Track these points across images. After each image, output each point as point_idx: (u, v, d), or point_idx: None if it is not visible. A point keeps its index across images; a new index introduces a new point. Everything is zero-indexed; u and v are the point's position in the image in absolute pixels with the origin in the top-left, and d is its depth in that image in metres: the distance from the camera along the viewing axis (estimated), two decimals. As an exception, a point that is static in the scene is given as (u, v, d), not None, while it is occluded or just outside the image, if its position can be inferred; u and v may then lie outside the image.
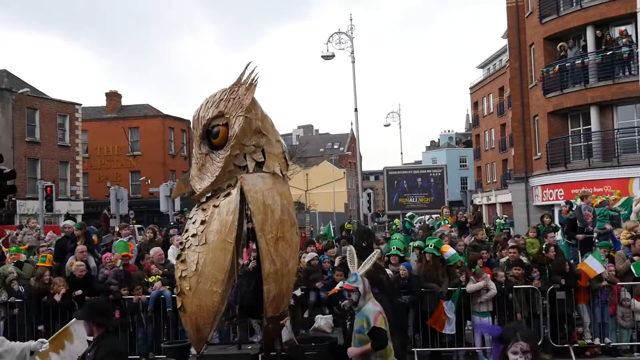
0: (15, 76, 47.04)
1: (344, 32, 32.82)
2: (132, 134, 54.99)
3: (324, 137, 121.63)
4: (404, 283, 12.58)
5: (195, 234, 8.98)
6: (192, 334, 9.23)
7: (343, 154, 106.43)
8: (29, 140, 43.37)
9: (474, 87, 69.02)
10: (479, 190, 64.13)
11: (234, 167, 9.02)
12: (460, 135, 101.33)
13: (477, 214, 22.54)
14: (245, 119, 8.90)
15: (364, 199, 33.73)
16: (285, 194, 9.36)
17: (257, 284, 9.19)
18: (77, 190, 47.53)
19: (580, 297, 12.92)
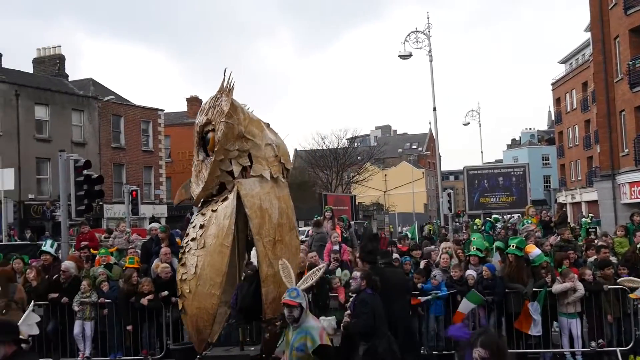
0: (100, 84, 48.58)
1: (421, 31, 32.60)
2: (213, 138, 55.84)
3: (402, 137, 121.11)
4: (487, 284, 12.41)
5: (194, 238, 9.24)
6: (193, 335, 9.45)
7: (422, 154, 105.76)
8: (115, 146, 44.71)
9: (556, 83, 67.47)
10: (562, 188, 62.64)
11: (220, 172, 9.25)
12: (542, 132, 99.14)
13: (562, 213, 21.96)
14: (226, 124, 9.10)
15: (444, 199, 33.34)
16: (283, 198, 9.53)
17: (257, 286, 9.30)
18: (161, 194, 48.71)
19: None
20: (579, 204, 57.08)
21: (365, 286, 9.43)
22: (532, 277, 12.53)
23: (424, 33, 32.55)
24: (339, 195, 56.64)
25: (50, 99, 40.02)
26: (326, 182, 69.46)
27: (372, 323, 9.11)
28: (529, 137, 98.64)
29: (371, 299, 9.31)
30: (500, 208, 40.20)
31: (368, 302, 9.25)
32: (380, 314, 9.24)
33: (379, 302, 9.34)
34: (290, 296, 7.45)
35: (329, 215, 17.57)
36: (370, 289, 9.41)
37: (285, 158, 9.73)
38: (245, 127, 9.31)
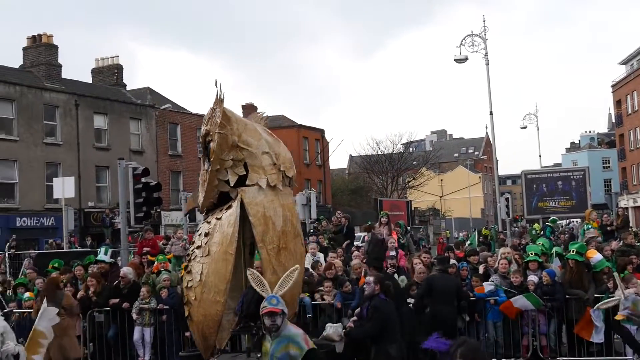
0: (157, 93, 49.42)
1: (476, 34, 32.23)
2: (269, 145, 56.28)
3: (458, 141, 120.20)
4: (546, 289, 12.21)
5: (199, 246, 9.45)
6: (199, 342, 9.61)
7: (478, 158, 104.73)
8: (172, 153, 45.36)
9: (617, 85, 66.07)
10: (624, 192, 61.23)
11: (218, 181, 9.46)
12: (602, 135, 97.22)
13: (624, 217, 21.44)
14: (219, 135, 9.28)
15: (502, 204, 32.84)
16: (288, 206, 9.69)
17: None
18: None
19: None
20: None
21: (379, 291, 9.44)
22: (593, 282, 12.29)
23: (480, 36, 32.14)
24: (395, 200, 56.44)
25: (108, 108, 40.86)
26: (381, 187, 69.27)
27: (375, 330, 9.13)
28: (588, 140, 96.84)
29: (383, 305, 9.28)
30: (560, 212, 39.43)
31: (379, 308, 9.26)
32: (393, 319, 9.23)
33: (391, 307, 9.34)
34: (271, 304, 7.19)
35: (384, 221, 17.52)
36: (383, 294, 9.42)
37: (286, 166, 9.84)
38: (239, 136, 9.45)
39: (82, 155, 38.66)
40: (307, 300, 12.79)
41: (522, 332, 12.47)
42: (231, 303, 10.04)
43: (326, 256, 15.27)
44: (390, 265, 13.80)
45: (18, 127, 36.06)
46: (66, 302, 11.70)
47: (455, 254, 15.25)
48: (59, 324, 11.48)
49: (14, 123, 35.98)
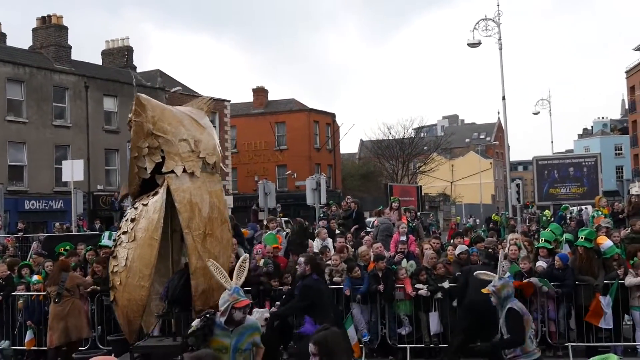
0: (168, 75, 49.30)
1: (490, 18, 31.93)
2: (279, 129, 56.26)
3: (469, 127, 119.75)
4: (557, 274, 12.16)
5: (126, 231, 9.54)
6: (124, 326, 9.75)
7: (490, 144, 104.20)
8: (183, 137, 45.28)
9: (631, 71, 65.53)
10: (636, 179, 60.83)
11: (138, 169, 9.60)
12: (615, 121, 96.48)
13: (635, 204, 21.21)
14: (135, 123, 9.42)
15: (513, 190, 32.69)
16: (216, 193, 9.81)
17: (187, 279, 9.50)
18: (227, 185, 49.22)
19: None
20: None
21: (309, 271, 9.60)
22: (603, 269, 12.24)
23: (494, 21, 31.86)
24: (405, 186, 56.31)
25: (118, 91, 40.72)
26: (392, 172, 69.09)
27: (300, 306, 9.48)
28: (601, 127, 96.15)
29: (314, 284, 9.38)
30: (571, 199, 39.15)
31: (310, 287, 9.48)
32: (325, 298, 9.35)
33: (323, 287, 9.43)
34: (241, 296, 6.94)
35: (395, 206, 17.45)
36: (316, 274, 9.56)
37: (208, 152, 9.85)
38: (154, 124, 9.50)
39: (92, 138, 38.64)
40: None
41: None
42: (159, 288, 10.24)
43: (334, 241, 15.21)
44: (400, 251, 13.78)
45: (27, 109, 36.04)
46: (69, 283, 11.72)
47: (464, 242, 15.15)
48: (62, 305, 11.54)
49: (23, 105, 35.98)
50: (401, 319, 12.54)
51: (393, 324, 12.57)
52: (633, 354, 12.24)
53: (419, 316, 12.66)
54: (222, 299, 6.94)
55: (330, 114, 60.36)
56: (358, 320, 12.50)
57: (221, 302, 6.92)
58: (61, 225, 27.44)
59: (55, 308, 11.67)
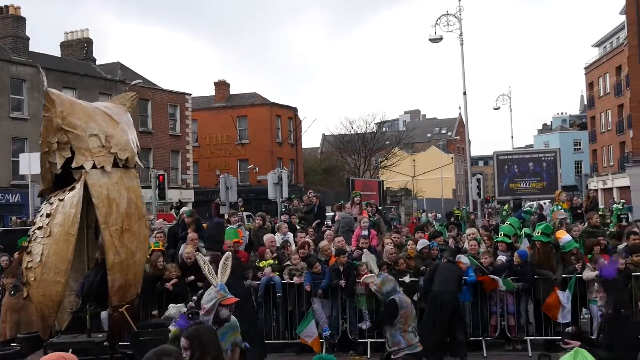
0: (128, 68, 48.73)
1: (452, 14, 32.15)
2: (240, 123, 55.99)
3: (431, 122, 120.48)
4: (517, 270, 12.26)
5: (41, 227, 9.45)
6: (38, 322, 9.68)
7: (451, 139, 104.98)
8: (142, 130, 44.75)
9: (589, 67, 66.41)
10: (594, 174, 61.81)
11: (49, 164, 9.56)
12: (574, 117, 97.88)
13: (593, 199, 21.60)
14: (45, 118, 9.51)
15: (473, 185, 33.05)
16: (133, 188, 9.80)
17: (104, 275, 9.49)
18: (188, 179, 48.87)
19: None
20: (611, 189, 56.26)
21: None
22: (561, 263, 12.38)
23: (455, 16, 32.11)
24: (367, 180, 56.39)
25: (77, 83, 40.17)
26: (354, 167, 69.21)
27: None
28: (560, 122, 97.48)
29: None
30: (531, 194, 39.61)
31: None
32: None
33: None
34: (226, 292, 6.81)
35: (357, 200, 17.43)
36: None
37: (120, 147, 9.79)
38: (64, 119, 9.46)
39: (50, 131, 37.90)
40: (276, 279, 12.70)
41: (490, 312, 12.52)
42: (72, 285, 10.17)
43: (295, 236, 15.16)
44: (363, 245, 13.77)
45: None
46: None
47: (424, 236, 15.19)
48: (17, 298, 11.36)
49: (-21, 97, 35.26)
50: (362, 314, 12.54)
51: (354, 318, 12.56)
52: (590, 347, 12.38)
53: (379, 311, 12.68)
54: (207, 296, 6.73)
55: (293, 108, 60.25)
56: (319, 315, 12.48)
57: (207, 298, 6.72)
58: (18, 219, 26.94)
59: (10, 300, 11.53)
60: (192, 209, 18.22)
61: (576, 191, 38.08)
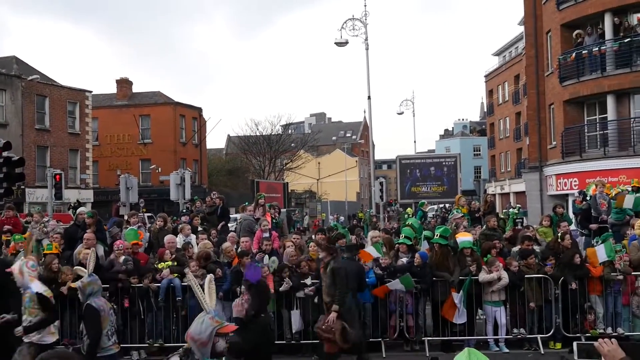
0: (24, 63, 46.97)
1: (357, 18, 32.47)
2: (143, 122, 54.92)
3: (336, 125, 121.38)
4: (416, 271, 12.46)
5: None
6: None
7: (356, 142, 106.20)
8: (39, 127, 43.29)
9: (490, 75, 68.52)
10: (492, 179, 63.76)
11: None
12: (474, 123, 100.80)
13: (490, 203, 22.19)
14: None
15: (376, 188, 33.45)
16: None
17: None
18: (87, 179, 47.48)
19: (593, 286, 12.76)
20: (508, 194, 58.15)
21: None
22: (458, 265, 12.67)
23: (361, 21, 32.44)
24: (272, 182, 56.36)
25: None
26: (259, 168, 69.04)
27: None
28: (461, 128, 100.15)
29: None
30: (432, 198, 40.57)
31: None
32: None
33: None
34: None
35: (261, 202, 17.33)
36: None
37: None
38: None
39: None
40: (176, 282, 12.49)
41: (389, 313, 12.69)
42: None
43: (197, 237, 14.93)
44: (265, 247, 13.67)
45: None
46: None
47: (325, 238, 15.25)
48: None
49: None
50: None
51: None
52: (485, 347, 12.72)
53: (281, 313, 12.65)
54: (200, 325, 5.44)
55: (197, 108, 59.57)
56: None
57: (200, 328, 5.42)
58: None
59: None
60: (94, 210, 17.69)
61: (475, 195, 39.14)
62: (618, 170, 26.41)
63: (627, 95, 28.17)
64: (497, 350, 12.45)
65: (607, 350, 3.92)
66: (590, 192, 17.95)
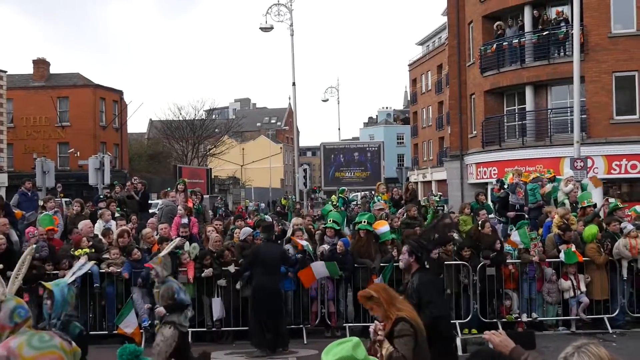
0: None
1: (283, 4, 32.32)
2: (61, 104, 53.30)
3: (261, 111, 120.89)
4: (339, 258, 12.49)
5: None
6: None
7: (280, 128, 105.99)
8: None
9: (413, 64, 69.24)
10: (415, 167, 64.59)
11: None
12: (398, 112, 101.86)
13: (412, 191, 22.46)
14: None
15: (300, 175, 33.46)
16: None
17: None
18: (1, 162, 45.87)
19: (509, 273, 13.05)
20: (430, 182, 59.08)
21: None
22: (379, 252, 12.76)
23: (286, 6, 32.32)
24: (195, 168, 55.81)
25: None
26: (181, 154, 68.20)
27: None
28: (385, 116, 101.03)
29: None
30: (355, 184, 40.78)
31: None
32: None
33: None
34: None
35: (181, 188, 17.08)
36: None
37: None
38: None
39: None
40: (94, 269, 12.18)
41: (310, 300, 12.71)
42: None
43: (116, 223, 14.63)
44: (182, 233, 13.47)
45: None
46: None
47: (247, 223, 15.16)
48: None
49: None
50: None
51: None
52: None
53: (202, 300, 12.52)
54: None
55: (118, 90, 58.19)
56: (138, 305, 12.12)
57: None
58: None
59: None
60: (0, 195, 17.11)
61: (397, 183, 39.58)
62: (535, 160, 27.15)
63: (545, 87, 28.96)
64: (416, 336, 12.59)
65: (498, 341, 3.99)
66: (507, 180, 18.32)
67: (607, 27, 26.45)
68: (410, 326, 5.28)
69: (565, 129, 27.73)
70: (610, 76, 26.34)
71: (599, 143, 26.08)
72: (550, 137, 27.69)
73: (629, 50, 26.12)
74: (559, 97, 28.81)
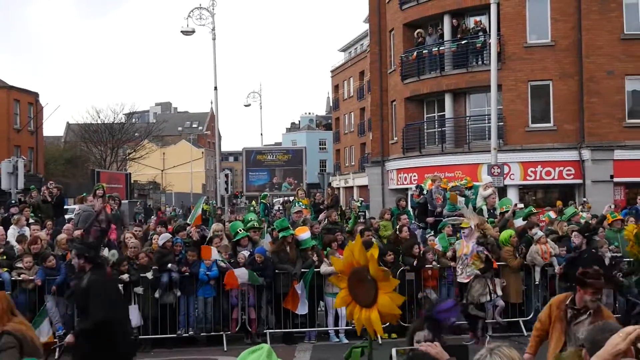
0: None
1: (204, 7, 32.05)
2: (-28, 106, 51.54)
3: (182, 115, 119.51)
4: (258, 267, 12.43)
5: None
6: None
7: (202, 133, 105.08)
8: None
9: (336, 70, 69.64)
10: (337, 173, 64.96)
11: None
12: (320, 117, 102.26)
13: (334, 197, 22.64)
14: None
15: (222, 180, 33.21)
16: None
17: None
18: None
19: (429, 278, 13.23)
20: (352, 188, 59.52)
21: None
22: (300, 258, 12.77)
23: (208, 10, 32.06)
24: (114, 172, 54.68)
25: None
26: (100, 158, 66.71)
27: None
28: (307, 122, 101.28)
29: None
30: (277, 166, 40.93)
31: None
32: None
33: None
34: None
35: (99, 193, 16.69)
36: None
37: None
38: None
39: None
40: (5, 276, 11.78)
41: (231, 306, 12.61)
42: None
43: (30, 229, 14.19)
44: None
45: None
46: None
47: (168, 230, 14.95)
48: None
49: None
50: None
51: (93, 316, 11.98)
52: (326, 338, 12.93)
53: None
54: None
55: (34, 92, 56.54)
56: (52, 314, 11.78)
57: None
58: None
59: None
60: None
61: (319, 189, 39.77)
62: (454, 166, 27.71)
63: (464, 95, 29.62)
64: (337, 341, 12.69)
65: (434, 353, 4.05)
66: (426, 186, 18.59)
67: (523, 37, 27.24)
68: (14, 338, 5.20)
69: (483, 136, 28.40)
70: (526, 85, 27.14)
71: (515, 150, 26.82)
72: (469, 144, 28.30)
73: (544, 60, 26.96)
74: (477, 105, 29.50)
